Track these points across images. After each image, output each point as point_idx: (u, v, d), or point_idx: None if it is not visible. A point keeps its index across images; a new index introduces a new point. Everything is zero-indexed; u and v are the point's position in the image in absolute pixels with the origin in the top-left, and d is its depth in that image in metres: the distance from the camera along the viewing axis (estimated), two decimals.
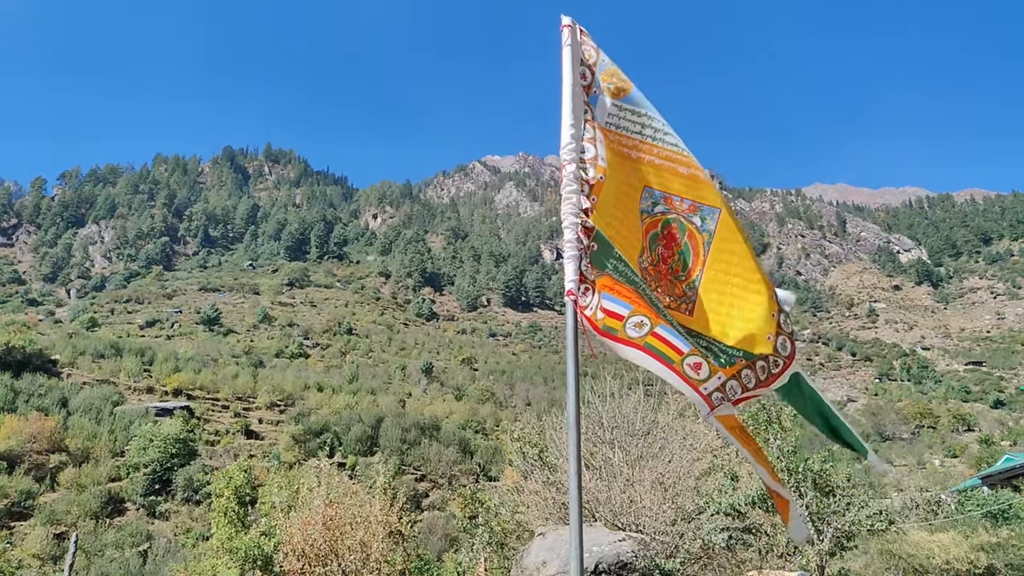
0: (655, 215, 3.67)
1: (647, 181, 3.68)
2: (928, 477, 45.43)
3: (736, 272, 3.62)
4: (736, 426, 3.76)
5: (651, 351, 3.55)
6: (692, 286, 3.62)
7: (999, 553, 16.44)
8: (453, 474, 49.99)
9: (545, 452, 15.37)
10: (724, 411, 3.69)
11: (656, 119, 3.71)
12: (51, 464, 39.66)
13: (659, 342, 3.56)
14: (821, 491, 13.31)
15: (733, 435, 3.74)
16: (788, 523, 3.90)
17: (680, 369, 3.59)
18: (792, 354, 3.69)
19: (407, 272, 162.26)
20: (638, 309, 3.53)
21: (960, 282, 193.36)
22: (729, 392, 3.66)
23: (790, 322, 3.72)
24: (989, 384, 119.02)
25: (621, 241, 3.56)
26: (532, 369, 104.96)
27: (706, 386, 3.60)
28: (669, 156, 3.69)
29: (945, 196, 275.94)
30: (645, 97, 3.74)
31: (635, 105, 3.71)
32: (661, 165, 3.69)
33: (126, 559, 31.44)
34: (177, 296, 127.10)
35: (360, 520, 12.68)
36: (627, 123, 3.70)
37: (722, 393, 3.65)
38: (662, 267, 3.65)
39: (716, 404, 3.65)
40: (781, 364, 3.67)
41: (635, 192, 3.66)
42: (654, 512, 12.67)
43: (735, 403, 3.71)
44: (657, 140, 3.70)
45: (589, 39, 3.73)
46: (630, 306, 3.53)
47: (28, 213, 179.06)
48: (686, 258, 3.65)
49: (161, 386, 57.26)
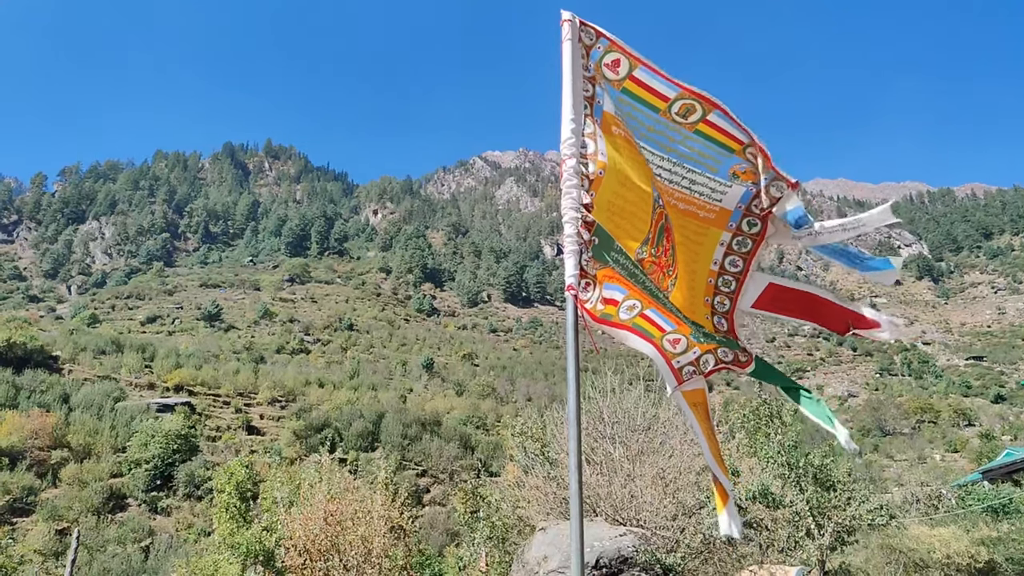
0: (660, 207, 3.72)
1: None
2: (929, 472, 45.48)
3: (683, 274, 3.83)
4: (700, 403, 3.95)
5: (637, 330, 3.76)
6: (674, 281, 3.77)
7: (1000, 548, 16.45)
8: (454, 469, 50.08)
9: (546, 447, 15.39)
10: (692, 385, 3.92)
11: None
12: (53, 460, 39.73)
13: (645, 322, 3.77)
14: (822, 486, 13.32)
15: (693, 411, 3.92)
16: (720, 512, 3.95)
17: (659, 343, 3.82)
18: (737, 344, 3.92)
19: (408, 268, 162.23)
20: (632, 294, 3.67)
21: (961, 277, 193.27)
22: (702, 365, 3.91)
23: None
24: (990, 379, 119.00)
25: (621, 234, 3.59)
26: (533, 365, 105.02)
27: (679, 360, 3.86)
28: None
29: (946, 191, 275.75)
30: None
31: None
32: None
33: (128, 555, 31.52)
34: (178, 292, 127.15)
35: (361, 515, 12.71)
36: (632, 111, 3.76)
37: (695, 367, 3.90)
38: (662, 259, 3.72)
39: (686, 378, 3.89)
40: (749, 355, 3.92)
41: (648, 180, 3.68)
42: (655, 507, 12.69)
43: (707, 374, 3.95)
44: None
45: (589, 34, 3.72)
46: (625, 291, 3.66)
47: (29, 209, 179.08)
48: (675, 250, 3.78)
49: (162, 382, 57.34)
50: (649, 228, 3.65)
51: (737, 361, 3.92)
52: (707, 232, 3.83)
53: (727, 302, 3.91)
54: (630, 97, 3.67)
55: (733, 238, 3.85)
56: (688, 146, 3.70)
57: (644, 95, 3.66)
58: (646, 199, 3.64)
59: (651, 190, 3.65)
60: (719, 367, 3.94)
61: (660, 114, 3.67)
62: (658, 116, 3.67)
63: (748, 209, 3.80)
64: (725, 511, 3.92)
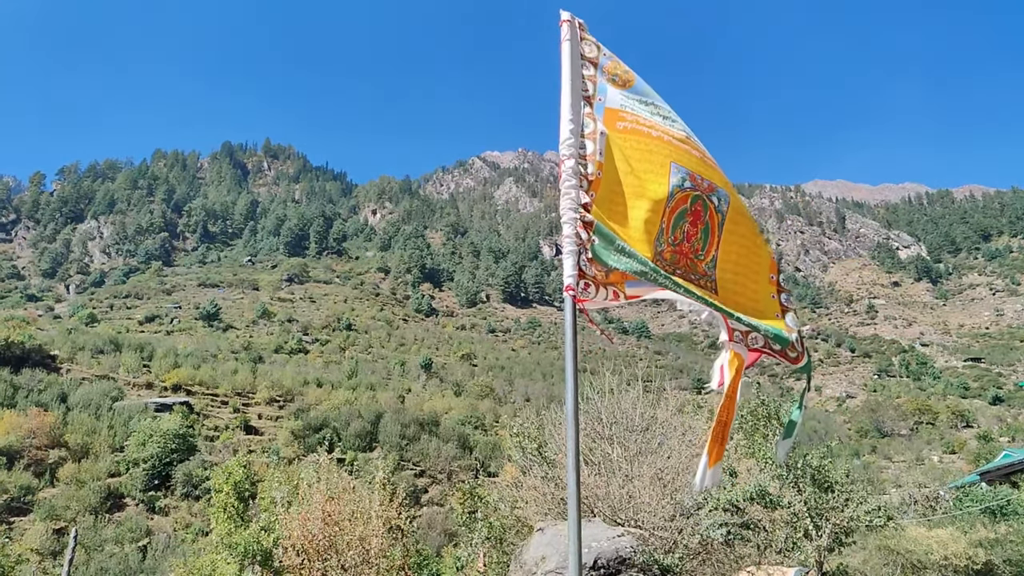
0: (685, 190, 3.68)
1: (673, 157, 3.71)
2: (926, 473, 45.47)
3: (743, 254, 3.79)
4: (737, 367, 3.74)
5: (678, 290, 3.50)
6: (711, 265, 3.69)
7: (997, 549, 16.47)
8: (452, 470, 50.06)
9: (544, 448, 15.37)
10: (737, 348, 3.73)
11: (663, 107, 3.79)
12: (50, 459, 39.67)
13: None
14: (820, 487, 13.33)
15: (729, 368, 3.71)
16: (708, 468, 3.78)
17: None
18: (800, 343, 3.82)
19: (406, 268, 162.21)
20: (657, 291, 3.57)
21: (959, 278, 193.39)
22: (751, 340, 3.73)
23: (792, 300, 3.91)
24: (988, 380, 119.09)
25: (628, 232, 3.52)
26: (531, 365, 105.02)
27: (733, 322, 3.66)
28: (682, 139, 3.78)
29: (944, 192, 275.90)
30: (651, 88, 3.79)
31: (641, 95, 3.77)
32: (679, 146, 3.75)
33: (125, 554, 31.47)
34: (176, 292, 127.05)
35: (359, 515, 12.69)
36: (640, 108, 3.75)
37: (743, 336, 3.71)
38: (684, 246, 3.66)
39: (737, 340, 3.71)
40: (799, 351, 3.82)
41: (662, 168, 3.64)
42: (653, 508, 12.68)
43: (752, 351, 3.76)
44: (668, 124, 3.76)
45: (589, 34, 3.72)
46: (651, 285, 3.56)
47: (27, 208, 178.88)
48: (707, 236, 3.72)
49: (160, 382, 57.26)
50: (662, 218, 3.60)
51: (785, 355, 3.78)
52: (760, 241, 3.92)
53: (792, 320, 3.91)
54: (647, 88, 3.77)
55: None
56: None
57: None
58: (657, 189, 3.60)
59: (667, 178, 3.62)
60: (765, 350, 3.76)
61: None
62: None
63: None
64: (711, 470, 3.78)
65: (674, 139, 3.74)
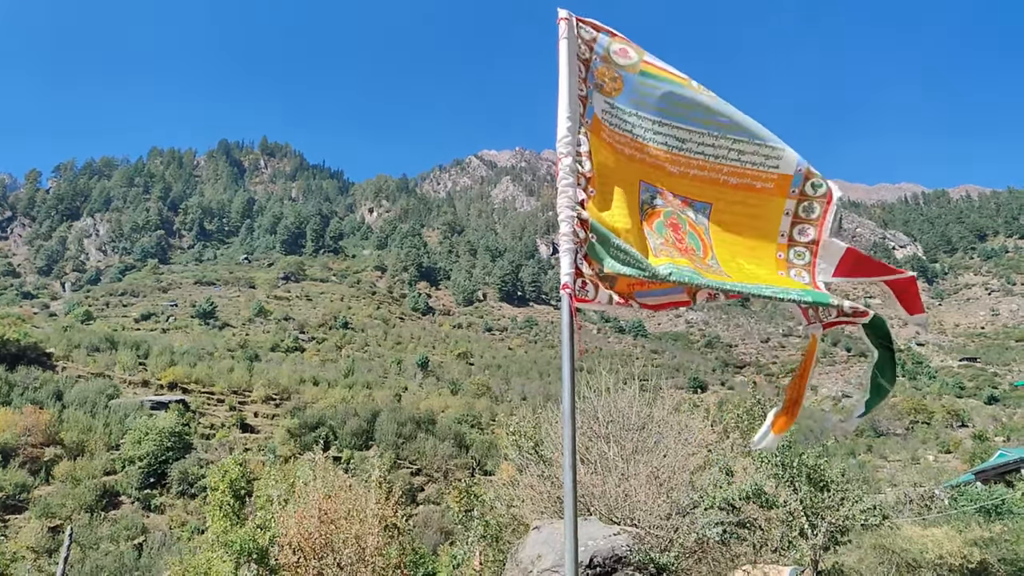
0: (655, 207, 3.67)
1: (642, 176, 3.70)
2: (922, 472, 45.63)
3: (742, 251, 3.68)
4: (811, 349, 3.67)
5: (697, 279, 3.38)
6: (713, 259, 3.64)
7: (992, 548, 16.52)
8: (448, 468, 50.07)
9: (540, 446, 15.38)
10: (814, 329, 3.66)
11: (648, 117, 3.69)
12: (46, 457, 39.61)
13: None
14: (815, 486, 13.35)
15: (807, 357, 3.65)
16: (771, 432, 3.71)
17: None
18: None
19: (403, 266, 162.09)
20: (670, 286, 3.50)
21: (955, 278, 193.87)
22: (822, 314, 3.60)
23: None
24: (983, 380, 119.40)
25: (625, 234, 3.50)
26: (528, 364, 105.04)
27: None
28: (659, 155, 3.70)
29: (941, 192, 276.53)
30: (649, 87, 3.70)
31: (625, 105, 3.71)
32: (652, 163, 3.70)
33: (121, 552, 31.45)
34: (172, 290, 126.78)
35: (356, 514, 12.69)
36: (619, 120, 3.70)
37: (815, 313, 3.61)
38: (679, 245, 3.62)
39: (812, 321, 3.64)
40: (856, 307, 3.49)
41: (632, 187, 3.66)
42: (649, 506, 12.70)
43: (826, 326, 3.65)
44: (647, 140, 3.69)
45: (586, 27, 3.71)
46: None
47: (23, 206, 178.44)
48: (696, 240, 3.67)
49: (156, 380, 57.19)
50: (642, 229, 3.62)
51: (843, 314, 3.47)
52: (767, 203, 3.69)
53: (805, 274, 3.69)
54: (651, 78, 3.64)
55: (798, 204, 3.70)
56: (727, 115, 3.59)
57: (665, 74, 3.64)
58: (631, 202, 3.62)
59: (636, 196, 3.62)
60: (839, 320, 3.54)
61: (686, 87, 3.61)
62: (685, 89, 3.61)
63: (809, 170, 3.65)
64: (772, 435, 3.73)
65: (648, 156, 3.68)
